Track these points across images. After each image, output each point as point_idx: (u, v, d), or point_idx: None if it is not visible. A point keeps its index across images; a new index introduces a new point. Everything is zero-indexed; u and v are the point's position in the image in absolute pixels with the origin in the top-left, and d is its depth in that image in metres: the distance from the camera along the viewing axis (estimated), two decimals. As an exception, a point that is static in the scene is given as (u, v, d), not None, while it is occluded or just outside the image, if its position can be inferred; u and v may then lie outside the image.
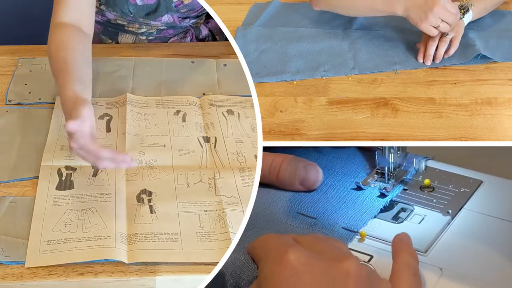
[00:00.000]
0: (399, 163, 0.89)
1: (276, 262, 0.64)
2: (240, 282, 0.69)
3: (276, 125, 1.07)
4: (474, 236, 0.78)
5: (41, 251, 0.87)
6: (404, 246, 0.72)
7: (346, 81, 1.15)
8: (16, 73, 1.27)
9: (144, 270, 0.86)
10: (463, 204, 0.84)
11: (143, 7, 1.33)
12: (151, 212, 0.95)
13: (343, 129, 1.06)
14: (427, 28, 1.13)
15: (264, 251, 0.67)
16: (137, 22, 1.38)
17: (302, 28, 1.29)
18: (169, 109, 1.19)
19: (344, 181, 0.88)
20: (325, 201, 0.85)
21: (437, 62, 1.17)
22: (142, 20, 1.37)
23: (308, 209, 0.84)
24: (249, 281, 0.68)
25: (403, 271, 0.69)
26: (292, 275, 0.62)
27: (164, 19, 1.37)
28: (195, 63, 1.34)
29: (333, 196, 0.86)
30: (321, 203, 0.85)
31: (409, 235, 0.75)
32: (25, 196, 0.97)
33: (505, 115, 1.07)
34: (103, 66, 1.30)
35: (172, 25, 1.40)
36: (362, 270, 0.64)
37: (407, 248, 0.72)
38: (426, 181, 0.88)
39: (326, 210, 0.83)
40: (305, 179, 0.84)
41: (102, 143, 1.09)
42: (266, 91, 1.14)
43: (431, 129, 1.05)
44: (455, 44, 1.16)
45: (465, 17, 1.17)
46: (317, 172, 0.85)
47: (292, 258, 0.63)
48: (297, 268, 0.63)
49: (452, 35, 1.15)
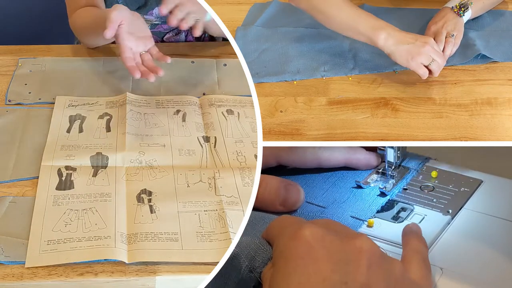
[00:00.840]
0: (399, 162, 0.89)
1: (291, 238, 0.65)
2: (254, 264, 0.69)
3: (276, 125, 1.07)
4: (474, 236, 0.78)
5: (41, 251, 0.87)
6: (414, 235, 0.74)
7: (346, 81, 1.15)
8: (16, 73, 1.27)
9: (144, 270, 0.86)
10: (463, 204, 0.84)
11: (132, 0, 1.33)
12: (151, 212, 0.95)
13: (343, 129, 1.06)
14: (418, 66, 1.07)
15: (279, 230, 0.68)
16: None
17: (302, 28, 1.29)
18: (169, 109, 1.19)
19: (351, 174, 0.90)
20: (334, 191, 0.86)
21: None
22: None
23: (317, 198, 0.85)
24: (263, 263, 0.69)
25: (413, 256, 0.70)
26: (307, 250, 0.63)
27: (155, 12, 1.37)
28: (195, 63, 1.34)
29: (342, 186, 0.87)
30: (330, 193, 0.86)
31: (418, 225, 0.77)
32: (25, 196, 0.97)
33: (505, 115, 1.08)
34: (103, 66, 1.31)
35: (165, 19, 1.39)
36: (375, 248, 0.65)
37: (417, 236, 0.74)
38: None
39: (335, 199, 0.85)
40: (285, 199, 0.82)
41: (102, 143, 1.09)
42: (266, 91, 1.14)
43: (431, 129, 1.05)
44: (456, 43, 1.16)
45: (464, 15, 1.17)
46: (298, 192, 0.83)
47: (307, 233, 0.64)
48: (311, 243, 0.64)
49: (456, 34, 1.15)
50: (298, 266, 0.63)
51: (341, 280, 0.61)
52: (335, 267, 0.62)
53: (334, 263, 0.63)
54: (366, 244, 0.64)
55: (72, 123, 1.14)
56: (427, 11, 1.31)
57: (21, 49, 1.35)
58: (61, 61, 1.32)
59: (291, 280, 0.62)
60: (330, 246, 0.64)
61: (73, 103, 1.19)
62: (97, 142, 1.09)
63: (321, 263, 0.62)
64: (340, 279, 0.61)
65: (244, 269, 0.70)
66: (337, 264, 0.62)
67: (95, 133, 1.11)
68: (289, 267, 0.63)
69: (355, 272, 0.62)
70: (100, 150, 1.07)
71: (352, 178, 0.89)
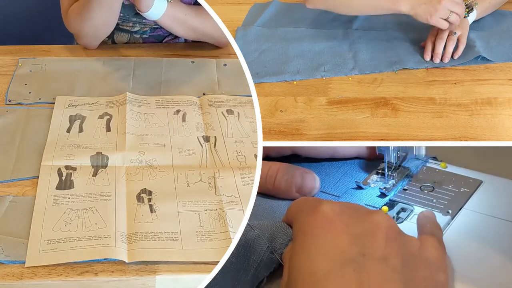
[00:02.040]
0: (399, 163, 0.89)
1: (310, 213, 0.67)
2: (275, 245, 0.71)
3: (276, 125, 1.07)
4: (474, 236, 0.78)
5: (41, 251, 0.87)
6: (429, 220, 0.76)
7: (346, 81, 1.15)
8: (16, 73, 1.27)
9: (144, 269, 0.86)
10: (463, 204, 0.84)
11: (130, 6, 1.33)
12: (151, 211, 0.95)
13: (343, 129, 1.06)
14: (438, 21, 1.13)
15: (298, 209, 0.70)
16: (130, 21, 1.38)
17: (302, 28, 1.29)
18: (169, 108, 1.19)
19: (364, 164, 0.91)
20: (347, 180, 0.87)
21: (446, 62, 1.16)
22: (134, 19, 1.37)
23: (330, 187, 0.86)
24: (284, 244, 0.70)
25: (428, 238, 0.71)
26: (326, 223, 0.65)
27: None
28: (195, 63, 1.34)
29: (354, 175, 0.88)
30: (342, 182, 0.87)
31: (433, 212, 0.79)
32: (25, 196, 0.97)
33: (505, 115, 1.07)
34: (103, 66, 1.31)
35: None
36: (392, 223, 0.66)
37: (432, 221, 0.76)
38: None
39: (347, 189, 0.86)
40: (302, 187, 0.84)
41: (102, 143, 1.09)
42: (266, 91, 1.14)
43: (431, 129, 1.05)
44: (462, 41, 1.16)
45: (469, 15, 1.17)
46: (313, 179, 0.84)
47: (326, 208, 0.66)
48: (330, 217, 0.65)
49: (459, 33, 1.15)
50: (317, 238, 0.64)
51: (360, 252, 0.63)
52: (353, 240, 0.63)
53: (353, 236, 0.64)
54: (384, 219, 0.66)
55: (72, 123, 1.14)
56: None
57: (21, 49, 1.35)
58: (61, 61, 1.32)
59: (310, 252, 0.63)
60: (348, 220, 0.65)
61: (73, 103, 1.19)
62: (97, 142, 1.09)
63: (340, 235, 0.64)
64: (358, 251, 0.63)
65: (265, 251, 0.71)
66: (356, 237, 0.64)
67: (95, 133, 1.11)
68: (308, 240, 0.65)
69: (373, 245, 0.63)
70: (100, 150, 1.07)
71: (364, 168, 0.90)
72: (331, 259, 0.62)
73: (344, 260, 0.62)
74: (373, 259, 0.62)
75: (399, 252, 0.64)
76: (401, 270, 0.63)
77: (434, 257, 0.68)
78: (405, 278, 0.63)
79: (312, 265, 0.62)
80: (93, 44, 1.36)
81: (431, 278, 0.66)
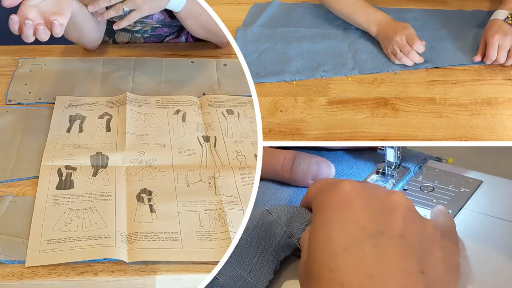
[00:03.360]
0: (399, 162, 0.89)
1: (330, 191, 0.67)
2: (292, 230, 0.71)
3: (276, 125, 1.08)
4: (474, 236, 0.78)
5: (41, 251, 0.87)
6: (442, 213, 0.77)
7: (346, 81, 1.16)
8: (16, 73, 1.27)
9: (144, 269, 0.86)
10: (463, 204, 0.84)
11: None
12: (151, 211, 0.95)
13: (343, 129, 1.06)
14: (388, 55, 1.18)
15: (317, 188, 0.70)
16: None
17: (302, 28, 1.29)
18: (169, 108, 1.19)
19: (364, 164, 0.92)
20: (354, 175, 0.88)
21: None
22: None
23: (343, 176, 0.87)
24: (301, 229, 0.71)
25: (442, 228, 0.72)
26: (345, 200, 0.65)
27: (155, 16, 1.37)
28: (195, 63, 1.34)
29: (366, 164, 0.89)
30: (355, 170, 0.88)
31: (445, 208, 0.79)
32: (25, 196, 0.97)
33: (505, 115, 1.08)
34: (103, 66, 1.31)
35: (165, 22, 1.39)
36: (410, 204, 0.67)
37: (446, 215, 0.77)
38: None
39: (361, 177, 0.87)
40: (317, 175, 0.85)
41: (102, 143, 1.09)
42: (266, 91, 1.14)
43: (431, 129, 1.05)
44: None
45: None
46: (329, 167, 0.86)
47: (345, 186, 0.67)
48: (350, 194, 0.66)
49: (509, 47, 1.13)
50: (337, 215, 0.64)
51: (378, 229, 0.63)
52: (372, 217, 0.64)
53: (372, 213, 0.64)
54: (402, 199, 0.66)
55: (72, 123, 1.14)
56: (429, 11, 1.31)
57: (21, 49, 1.35)
58: (61, 61, 1.32)
59: (329, 228, 0.64)
60: (367, 197, 0.66)
61: (73, 103, 1.19)
62: (97, 142, 1.09)
63: (359, 212, 0.64)
64: (377, 229, 0.63)
65: (282, 235, 0.72)
66: (375, 214, 0.64)
67: (95, 133, 1.12)
68: (328, 216, 0.65)
69: (391, 223, 0.64)
70: (100, 150, 1.07)
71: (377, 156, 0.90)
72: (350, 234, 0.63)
73: (364, 236, 0.62)
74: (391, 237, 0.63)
75: (416, 232, 0.65)
76: (418, 249, 0.63)
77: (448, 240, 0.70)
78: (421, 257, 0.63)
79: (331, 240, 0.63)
80: (91, 47, 1.36)
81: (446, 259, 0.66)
